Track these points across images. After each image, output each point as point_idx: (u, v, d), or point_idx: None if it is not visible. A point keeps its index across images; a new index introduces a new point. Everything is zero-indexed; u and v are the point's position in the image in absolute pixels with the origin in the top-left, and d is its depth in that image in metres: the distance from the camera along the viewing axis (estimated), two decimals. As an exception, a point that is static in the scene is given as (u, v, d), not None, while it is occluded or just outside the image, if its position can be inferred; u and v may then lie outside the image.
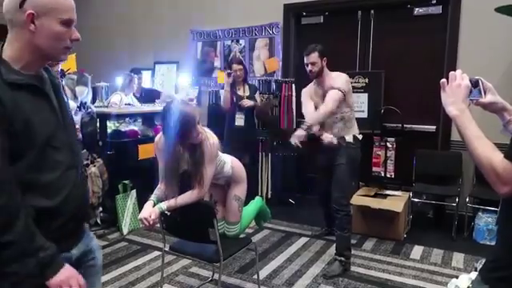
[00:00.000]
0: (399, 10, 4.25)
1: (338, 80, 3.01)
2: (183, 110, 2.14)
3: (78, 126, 3.10)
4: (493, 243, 3.49)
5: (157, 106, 4.39)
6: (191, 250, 2.42)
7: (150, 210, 2.17)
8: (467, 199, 3.69)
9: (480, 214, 3.64)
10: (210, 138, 2.27)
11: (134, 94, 4.96)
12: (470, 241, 3.62)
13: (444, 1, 4.01)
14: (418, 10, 4.17)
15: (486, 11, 3.73)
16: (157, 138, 2.38)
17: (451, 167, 3.93)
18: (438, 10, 4.08)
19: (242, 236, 2.70)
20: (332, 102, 2.90)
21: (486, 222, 3.57)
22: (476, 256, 3.25)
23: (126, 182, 3.81)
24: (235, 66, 4.16)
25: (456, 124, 1.16)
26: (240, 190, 2.55)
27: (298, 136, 2.82)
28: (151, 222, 2.13)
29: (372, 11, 4.39)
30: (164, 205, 2.19)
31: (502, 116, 1.28)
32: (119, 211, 3.74)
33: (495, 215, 3.54)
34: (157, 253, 3.32)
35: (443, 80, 1.25)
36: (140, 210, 3.80)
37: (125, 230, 3.74)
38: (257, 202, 2.91)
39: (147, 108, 4.32)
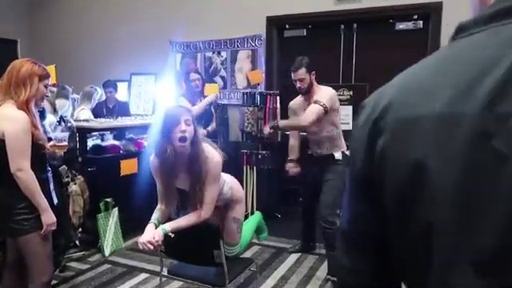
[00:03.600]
0: (381, 25, 4.33)
1: (323, 95, 2.96)
2: (166, 109, 2.14)
3: (56, 143, 2.88)
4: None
5: (138, 120, 4.23)
6: (191, 273, 2.29)
7: (152, 232, 2.03)
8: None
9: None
10: (214, 155, 2.16)
11: (106, 105, 4.78)
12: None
13: (425, 17, 4.13)
14: (399, 25, 4.26)
15: (465, 27, 3.87)
16: (152, 158, 2.26)
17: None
18: (419, 25, 4.20)
19: (241, 256, 2.59)
20: (310, 115, 2.86)
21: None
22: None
23: (108, 199, 3.61)
24: (193, 76, 4.12)
25: None
26: (239, 212, 2.42)
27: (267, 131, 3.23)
28: (156, 244, 1.99)
29: (355, 25, 4.44)
30: (168, 226, 2.05)
31: None
32: (101, 231, 3.52)
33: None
34: (144, 275, 3.14)
35: None
36: (122, 229, 3.67)
37: (107, 252, 3.52)
38: (255, 218, 2.82)
39: (130, 122, 4.14)
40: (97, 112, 4.49)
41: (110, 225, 3.59)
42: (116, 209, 3.65)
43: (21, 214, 2.02)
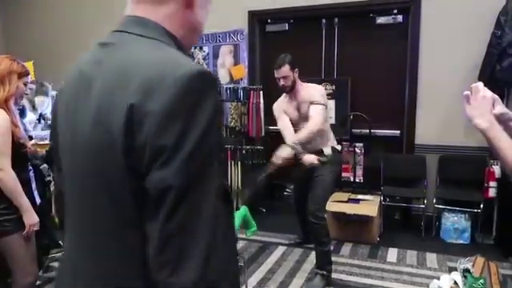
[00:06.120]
0: (362, 19, 4.36)
1: (315, 93, 2.95)
2: None
3: (38, 141, 2.82)
4: (460, 242, 3.69)
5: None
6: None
7: None
8: (434, 200, 3.86)
9: (446, 213, 3.81)
10: None
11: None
12: (439, 240, 3.77)
13: (405, 11, 4.19)
14: (380, 19, 4.31)
15: (444, 19, 3.94)
16: None
17: (416, 170, 4.09)
18: (398, 19, 4.25)
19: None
20: (319, 117, 2.87)
21: (452, 221, 3.74)
22: (447, 255, 3.39)
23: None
24: None
25: (487, 137, 1.16)
26: None
27: (283, 158, 2.77)
28: None
29: (336, 19, 4.47)
30: None
31: (508, 126, 1.30)
32: (85, 230, 3.47)
33: (460, 214, 3.73)
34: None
35: (467, 92, 1.24)
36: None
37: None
38: (240, 213, 2.82)
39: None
40: None
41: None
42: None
43: (2, 214, 1.97)
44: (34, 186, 2.21)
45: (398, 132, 4.30)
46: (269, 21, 4.73)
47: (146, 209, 0.63)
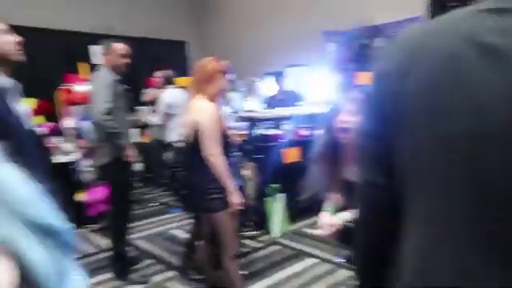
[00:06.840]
0: None
1: None
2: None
3: (237, 132, 3.18)
4: None
5: (296, 109, 4.33)
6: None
7: (329, 218, 2.06)
8: None
9: None
10: None
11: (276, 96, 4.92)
12: None
13: None
14: None
15: None
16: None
17: None
18: None
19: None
20: None
21: None
22: None
23: (274, 185, 3.84)
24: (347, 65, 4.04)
25: None
26: None
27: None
28: (333, 229, 2.01)
29: None
30: (347, 215, 2.04)
31: None
32: (269, 214, 3.79)
33: None
34: (314, 260, 3.23)
35: None
36: (289, 214, 3.87)
37: (275, 233, 3.77)
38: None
39: (287, 111, 4.26)
40: (271, 103, 4.70)
41: (276, 209, 3.82)
42: (282, 194, 3.85)
43: (213, 193, 2.28)
44: (236, 170, 2.50)
45: None
46: (450, 4, 4.28)
47: None
